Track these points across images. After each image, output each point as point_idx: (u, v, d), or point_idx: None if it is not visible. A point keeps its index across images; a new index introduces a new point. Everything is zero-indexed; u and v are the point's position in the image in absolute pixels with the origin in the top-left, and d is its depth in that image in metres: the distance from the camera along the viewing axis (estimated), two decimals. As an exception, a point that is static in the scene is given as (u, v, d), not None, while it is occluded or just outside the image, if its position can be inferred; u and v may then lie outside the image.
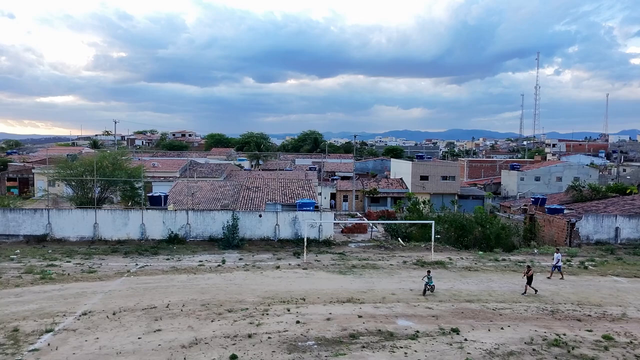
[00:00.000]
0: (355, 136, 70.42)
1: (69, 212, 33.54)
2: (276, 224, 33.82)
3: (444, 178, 64.63)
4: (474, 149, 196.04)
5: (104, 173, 39.09)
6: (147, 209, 34.03)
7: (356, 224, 42.93)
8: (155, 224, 33.21)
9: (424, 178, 63.89)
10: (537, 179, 67.11)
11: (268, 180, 42.82)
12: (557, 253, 26.60)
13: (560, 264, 26.29)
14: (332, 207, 63.31)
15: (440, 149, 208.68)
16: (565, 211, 40.09)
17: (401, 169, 69.94)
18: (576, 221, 35.69)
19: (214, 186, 41.60)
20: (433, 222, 29.71)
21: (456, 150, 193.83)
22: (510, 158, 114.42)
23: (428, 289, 22.73)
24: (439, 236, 37.11)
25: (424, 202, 39.85)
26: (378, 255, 31.37)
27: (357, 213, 55.66)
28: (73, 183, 39.67)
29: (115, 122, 77.20)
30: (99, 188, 41.22)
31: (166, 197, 35.91)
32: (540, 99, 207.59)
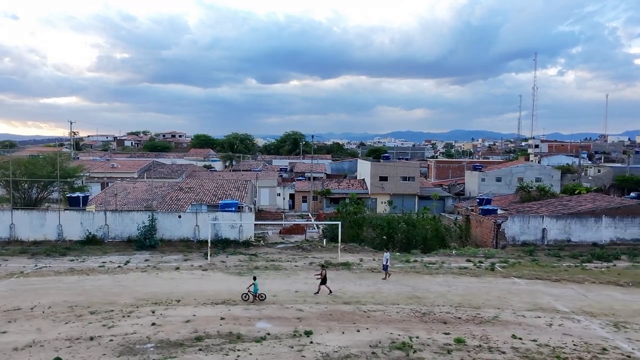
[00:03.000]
0: (312, 136, 70.37)
1: (-15, 213, 33.31)
2: (196, 225, 33.55)
3: (404, 179, 64.31)
4: (472, 150, 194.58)
5: (36, 173, 38.80)
6: (64, 209, 33.78)
7: (294, 224, 42.67)
8: (73, 225, 32.94)
9: (383, 179, 63.56)
10: (499, 179, 66.74)
11: (204, 180, 42.58)
12: (386, 253, 26.44)
13: (388, 264, 25.96)
14: (290, 207, 63.05)
15: (439, 150, 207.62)
16: (500, 212, 39.75)
17: (364, 169, 69.62)
18: (502, 222, 35.33)
19: (150, 187, 41.37)
20: (340, 222, 29.41)
21: (453, 151, 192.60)
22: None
23: (253, 296, 21.41)
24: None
25: (357, 203, 39.52)
26: (291, 257, 31.06)
27: (309, 214, 55.35)
28: (1, 183, 39.41)
29: (71, 123, 77.05)
30: (36, 188, 41.02)
31: (86, 197, 35.64)
32: (537, 100, 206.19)
